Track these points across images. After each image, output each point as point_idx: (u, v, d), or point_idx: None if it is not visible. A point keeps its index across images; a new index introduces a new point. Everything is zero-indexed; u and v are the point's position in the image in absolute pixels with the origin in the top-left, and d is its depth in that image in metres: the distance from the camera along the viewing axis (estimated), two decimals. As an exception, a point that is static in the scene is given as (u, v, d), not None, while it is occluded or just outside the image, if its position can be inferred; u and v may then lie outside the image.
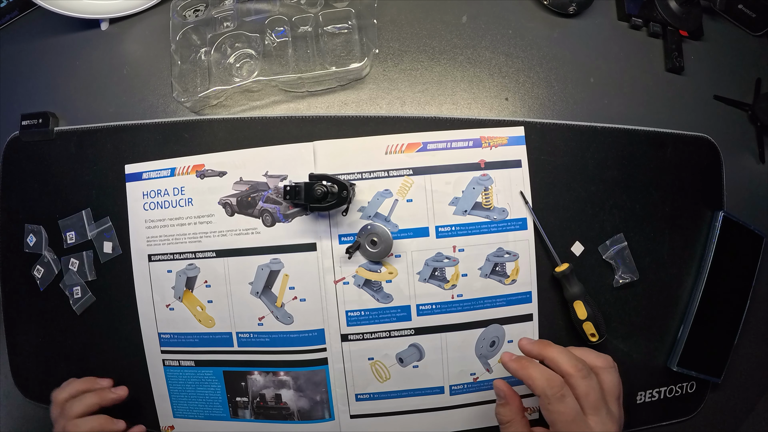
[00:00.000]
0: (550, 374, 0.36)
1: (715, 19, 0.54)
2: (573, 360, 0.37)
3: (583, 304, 0.44)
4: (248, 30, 0.45)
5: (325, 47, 0.45)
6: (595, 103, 0.48)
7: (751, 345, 0.52)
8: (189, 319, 0.46)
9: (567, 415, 0.35)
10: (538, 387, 0.36)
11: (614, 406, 0.37)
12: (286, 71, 0.44)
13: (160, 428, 0.47)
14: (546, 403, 0.35)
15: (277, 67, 0.45)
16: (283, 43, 0.45)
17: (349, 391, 0.45)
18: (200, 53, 0.45)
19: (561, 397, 0.35)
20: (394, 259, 0.44)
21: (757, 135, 0.53)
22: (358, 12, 0.45)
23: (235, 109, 0.46)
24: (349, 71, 0.44)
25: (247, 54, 0.45)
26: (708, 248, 0.48)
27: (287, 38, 0.44)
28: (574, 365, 0.36)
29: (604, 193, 0.47)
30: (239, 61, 0.45)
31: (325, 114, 0.45)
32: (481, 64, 0.47)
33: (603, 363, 0.38)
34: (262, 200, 0.44)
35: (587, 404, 0.35)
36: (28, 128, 0.47)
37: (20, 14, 0.52)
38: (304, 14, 0.45)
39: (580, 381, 0.36)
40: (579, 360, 0.37)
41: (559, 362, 0.37)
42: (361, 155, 0.44)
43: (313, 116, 0.45)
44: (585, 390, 0.35)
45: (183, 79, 0.45)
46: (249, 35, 0.45)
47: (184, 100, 0.44)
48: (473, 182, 0.45)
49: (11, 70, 0.51)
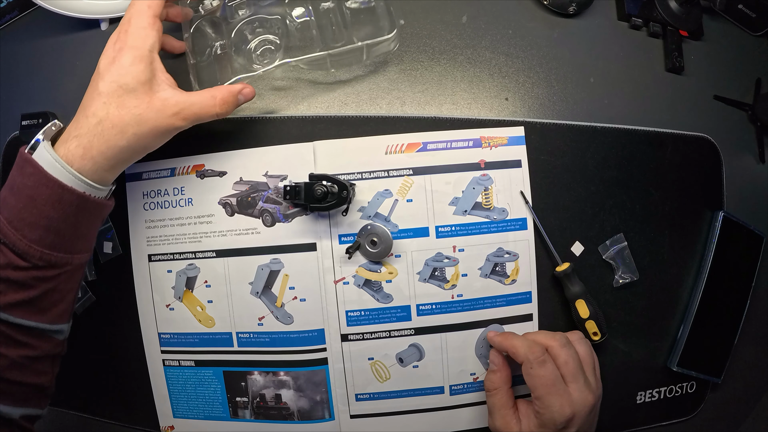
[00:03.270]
0: (531, 342, 0.39)
1: (715, 19, 0.54)
2: (551, 333, 0.40)
3: (585, 303, 0.44)
4: (267, 14, 0.43)
5: (350, 22, 0.43)
6: (595, 103, 0.48)
7: (751, 345, 0.52)
8: (189, 319, 0.46)
9: (547, 379, 0.37)
10: (521, 354, 0.38)
11: (591, 375, 0.39)
12: (312, 50, 0.41)
13: (160, 428, 0.47)
14: (528, 368, 0.38)
15: (301, 50, 0.42)
16: (305, 24, 0.43)
17: (349, 391, 0.45)
18: (215, 47, 0.43)
19: (542, 362, 0.37)
20: (394, 259, 0.44)
21: (757, 135, 0.53)
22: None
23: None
24: (379, 44, 0.42)
25: (268, 40, 0.43)
26: (708, 248, 0.48)
27: (309, 18, 0.42)
28: (552, 336, 0.39)
29: (604, 193, 0.47)
30: (260, 48, 0.43)
31: (325, 114, 0.45)
32: (481, 64, 0.47)
33: (573, 336, 0.41)
34: (262, 200, 0.44)
35: (567, 372, 0.38)
36: (28, 128, 0.47)
37: (20, 14, 0.52)
38: None
39: (560, 350, 0.38)
40: (534, 344, 0.39)
41: (537, 336, 0.40)
42: (361, 155, 0.44)
43: (313, 116, 0.45)
44: (564, 358, 0.38)
45: (200, 75, 0.43)
46: (268, 18, 0.42)
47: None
48: (473, 182, 0.45)
49: (11, 70, 0.51)
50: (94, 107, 0.34)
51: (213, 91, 0.38)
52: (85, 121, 0.34)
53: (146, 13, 0.36)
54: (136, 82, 0.35)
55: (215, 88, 0.38)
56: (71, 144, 0.34)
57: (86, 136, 0.34)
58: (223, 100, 0.38)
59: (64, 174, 0.33)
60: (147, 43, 0.36)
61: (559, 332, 0.40)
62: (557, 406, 0.36)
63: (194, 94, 0.37)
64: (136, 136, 0.35)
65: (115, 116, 0.34)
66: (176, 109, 0.36)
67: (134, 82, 0.35)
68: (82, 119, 0.35)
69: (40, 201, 0.33)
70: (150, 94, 0.35)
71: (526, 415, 0.39)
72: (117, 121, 0.34)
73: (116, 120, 0.34)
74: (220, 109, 0.38)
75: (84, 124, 0.34)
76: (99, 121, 0.34)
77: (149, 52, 0.36)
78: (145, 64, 0.35)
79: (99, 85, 0.35)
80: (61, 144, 0.34)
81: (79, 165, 0.34)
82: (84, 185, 0.34)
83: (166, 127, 0.36)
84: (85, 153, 0.34)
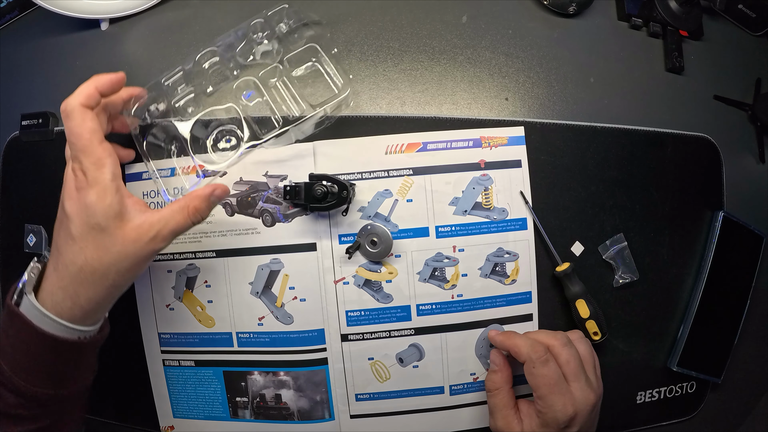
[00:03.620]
0: (534, 342, 0.39)
1: (715, 19, 0.54)
2: (552, 333, 0.40)
3: (585, 303, 0.44)
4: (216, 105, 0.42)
5: (301, 92, 0.43)
6: (595, 103, 0.48)
7: (751, 345, 0.52)
8: (189, 319, 0.46)
9: (550, 378, 0.37)
10: (523, 353, 0.38)
11: (591, 374, 0.39)
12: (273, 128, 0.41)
13: (160, 428, 0.47)
14: (530, 368, 0.38)
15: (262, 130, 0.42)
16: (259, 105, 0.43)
17: (349, 391, 0.45)
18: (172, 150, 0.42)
19: (545, 361, 0.37)
20: (394, 259, 0.44)
21: (757, 135, 0.53)
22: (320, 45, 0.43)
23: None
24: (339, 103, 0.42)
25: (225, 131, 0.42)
26: (708, 248, 0.48)
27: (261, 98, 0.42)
28: (554, 336, 0.39)
29: (604, 193, 0.47)
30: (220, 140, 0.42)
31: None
32: (481, 64, 0.47)
33: (574, 335, 0.41)
34: (262, 200, 0.44)
35: (568, 371, 0.38)
36: (28, 128, 0.47)
37: (20, 14, 0.52)
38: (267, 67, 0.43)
39: (561, 349, 0.38)
40: (536, 343, 0.39)
41: (538, 335, 0.40)
42: (361, 155, 0.44)
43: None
44: (566, 358, 0.38)
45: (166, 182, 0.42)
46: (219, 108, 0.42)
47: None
48: (473, 182, 0.45)
49: (11, 70, 0.51)
50: (71, 254, 0.33)
51: (184, 202, 0.36)
52: (65, 271, 0.33)
53: (94, 141, 0.34)
54: (106, 219, 0.33)
55: (185, 196, 0.36)
56: (57, 296, 0.33)
57: (71, 285, 0.33)
58: (195, 210, 0.36)
59: (57, 327, 0.33)
60: (106, 174, 0.34)
61: (559, 331, 0.40)
62: (560, 405, 0.36)
63: (166, 211, 0.35)
64: (119, 273, 0.34)
65: (94, 260, 0.33)
66: (152, 233, 0.34)
67: (105, 220, 0.33)
68: (62, 268, 0.34)
69: (36, 352, 0.33)
70: (122, 226, 0.34)
71: (527, 414, 0.39)
72: (97, 265, 0.33)
73: (96, 264, 0.33)
74: (194, 218, 0.36)
75: (65, 274, 0.33)
76: (79, 269, 0.33)
77: (111, 181, 0.34)
78: (111, 196, 0.33)
79: (70, 228, 0.33)
80: (47, 295, 0.34)
81: (69, 316, 0.33)
82: (78, 332, 0.34)
83: (147, 254, 0.35)
84: (73, 304, 0.33)
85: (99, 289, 0.34)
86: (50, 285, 0.34)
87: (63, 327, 0.33)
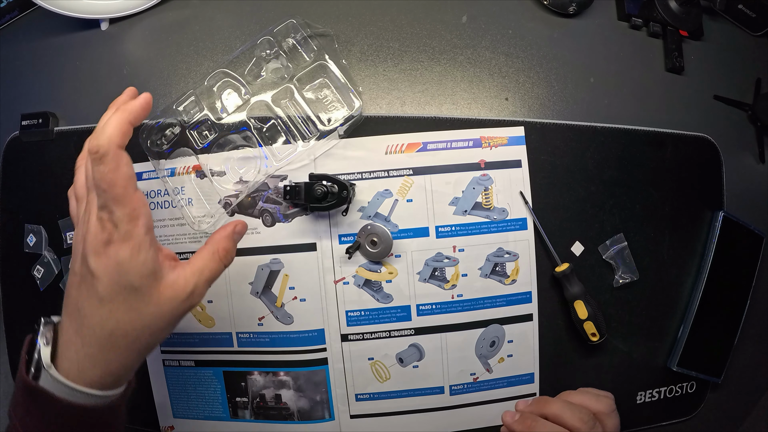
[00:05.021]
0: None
1: (715, 19, 0.54)
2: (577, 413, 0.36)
3: (583, 304, 0.44)
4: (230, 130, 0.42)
5: (315, 109, 0.43)
6: (595, 103, 0.48)
7: (751, 345, 0.52)
8: (189, 319, 0.46)
9: None
10: None
11: None
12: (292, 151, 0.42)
13: (160, 428, 0.47)
14: None
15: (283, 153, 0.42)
16: (273, 127, 0.43)
17: (349, 391, 0.45)
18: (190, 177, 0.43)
19: None
20: (394, 259, 0.44)
21: (757, 135, 0.53)
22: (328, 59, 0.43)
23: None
24: (350, 118, 0.43)
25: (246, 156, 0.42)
26: (708, 248, 0.48)
27: (274, 119, 0.42)
28: (580, 418, 0.35)
29: (604, 193, 0.47)
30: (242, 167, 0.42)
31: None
32: (481, 64, 0.47)
33: (605, 408, 0.37)
34: (262, 200, 0.44)
35: None
36: (28, 128, 0.47)
37: (20, 14, 0.52)
38: (278, 88, 0.43)
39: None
40: (582, 410, 0.36)
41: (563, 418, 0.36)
42: (361, 155, 0.44)
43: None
44: None
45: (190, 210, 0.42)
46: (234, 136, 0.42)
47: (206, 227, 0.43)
48: (473, 182, 0.45)
49: (11, 70, 0.51)
50: (99, 318, 0.29)
51: (212, 246, 0.34)
52: (92, 336, 0.29)
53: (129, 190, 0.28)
54: (140, 278, 0.29)
55: (210, 241, 0.34)
56: (84, 364, 0.29)
57: (100, 353, 0.29)
58: (225, 251, 0.34)
59: (89, 398, 0.29)
60: (141, 228, 0.29)
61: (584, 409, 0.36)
62: None
63: (197, 261, 0.33)
64: (154, 335, 0.31)
65: (127, 324, 0.29)
66: (190, 289, 0.31)
67: (139, 280, 0.29)
68: (88, 332, 0.29)
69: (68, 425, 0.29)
70: (157, 285, 0.30)
71: None
72: (130, 329, 0.29)
73: (128, 328, 0.29)
74: (226, 261, 0.34)
75: (93, 340, 0.29)
76: (109, 333, 0.29)
77: (145, 235, 0.29)
78: (145, 252, 0.29)
79: (97, 288, 0.28)
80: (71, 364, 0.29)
81: (99, 384, 0.29)
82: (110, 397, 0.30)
83: (184, 311, 0.32)
84: (104, 372, 0.29)
85: (131, 353, 0.30)
86: (74, 353, 0.29)
87: (96, 398, 0.29)
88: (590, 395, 0.38)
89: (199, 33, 0.48)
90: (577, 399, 0.38)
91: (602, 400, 0.37)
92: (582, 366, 0.47)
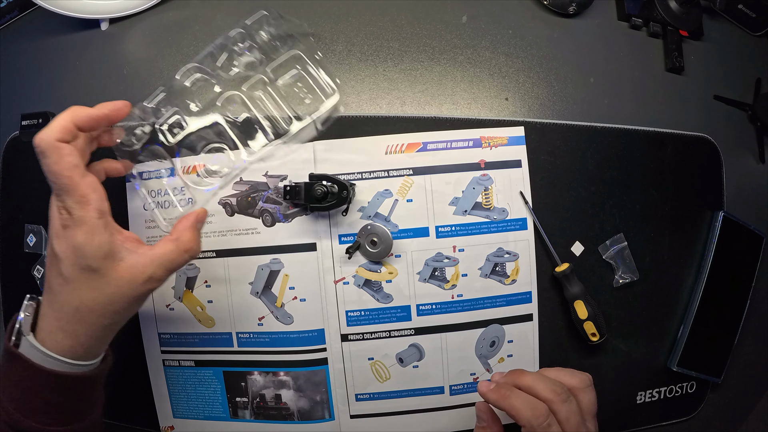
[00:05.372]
0: (534, 403, 0.35)
1: (715, 19, 0.54)
2: (551, 385, 0.36)
3: (583, 304, 0.44)
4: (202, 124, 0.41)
5: (290, 101, 0.42)
6: (595, 103, 0.48)
7: (751, 345, 0.52)
8: (189, 319, 0.46)
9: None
10: (523, 417, 0.35)
11: (591, 424, 0.37)
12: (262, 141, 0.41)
13: (159, 428, 0.47)
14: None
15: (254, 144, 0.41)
16: (246, 120, 0.42)
17: (349, 391, 0.45)
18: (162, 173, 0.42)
19: (547, 427, 0.34)
20: (394, 259, 0.44)
21: (757, 135, 0.53)
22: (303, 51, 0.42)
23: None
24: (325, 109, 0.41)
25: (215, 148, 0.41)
26: (708, 248, 0.48)
27: (247, 112, 0.41)
28: (553, 390, 0.36)
29: (604, 193, 0.47)
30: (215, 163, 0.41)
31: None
32: (481, 64, 0.47)
33: (579, 383, 0.37)
34: (262, 200, 0.44)
35: (568, 428, 0.35)
36: (28, 128, 0.47)
37: (20, 14, 0.52)
38: (251, 80, 0.42)
39: (561, 406, 0.35)
40: (557, 383, 0.36)
41: (536, 389, 0.36)
42: (361, 155, 0.44)
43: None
44: (566, 415, 0.35)
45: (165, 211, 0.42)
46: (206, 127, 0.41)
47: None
48: (473, 182, 0.45)
49: (11, 70, 0.51)
50: (65, 295, 0.32)
51: (176, 236, 0.35)
52: (61, 310, 0.32)
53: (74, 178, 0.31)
54: (96, 260, 0.31)
55: (174, 231, 0.35)
56: (57, 335, 0.32)
57: (69, 325, 0.32)
58: (188, 242, 0.35)
59: (61, 365, 0.32)
60: (92, 212, 0.31)
61: (558, 382, 0.37)
62: None
63: (158, 249, 0.34)
64: (117, 313, 0.33)
65: (90, 300, 0.32)
66: (147, 275, 0.33)
67: (95, 261, 0.31)
68: (58, 307, 0.32)
69: (44, 392, 0.32)
70: (115, 267, 0.32)
71: None
72: (93, 305, 0.32)
73: (92, 304, 0.32)
74: (188, 252, 0.35)
75: (62, 314, 0.32)
76: (75, 309, 0.32)
77: (98, 219, 0.31)
78: (99, 235, 0.31)
79: (61, 269, 0.32)
80: (47, 334, 0.32)
81: (71, 353, 0.32)
82: (82, 367, 0.33)
83: (144, 293, 0.34)
84: (74, 342, 0.32)
85: (97, 327, 0.33)
86: (48, 324, 0.33)
87: (67, 364, 0.32)
88: (566, 372, 0.38)
89: (199, 33, 0.48)
90: (552, 374, 0.38)
91: (577, 375, 0.37)
92: (582, 366, 0.46)
